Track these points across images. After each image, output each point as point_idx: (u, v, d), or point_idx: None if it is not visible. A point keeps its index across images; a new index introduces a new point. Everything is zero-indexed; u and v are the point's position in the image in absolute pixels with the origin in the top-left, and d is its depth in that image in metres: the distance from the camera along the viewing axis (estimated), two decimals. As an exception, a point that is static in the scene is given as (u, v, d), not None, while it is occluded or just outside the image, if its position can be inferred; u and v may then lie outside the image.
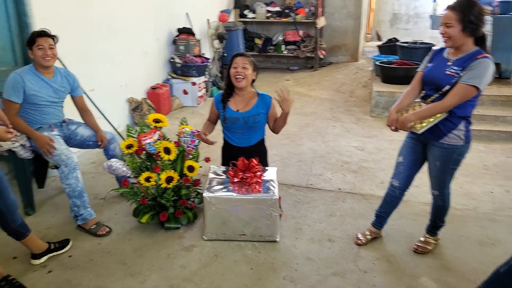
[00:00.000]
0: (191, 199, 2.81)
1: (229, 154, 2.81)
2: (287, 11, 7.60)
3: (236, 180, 2.58)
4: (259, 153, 2.82)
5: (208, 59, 5.82)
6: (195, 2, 6.16)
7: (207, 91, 5.91)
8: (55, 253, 2.36)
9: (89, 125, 2.92)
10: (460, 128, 2.12)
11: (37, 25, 3.22)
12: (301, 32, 7.72)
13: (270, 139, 3.04)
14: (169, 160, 2.67)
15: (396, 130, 2.22)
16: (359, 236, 2.58)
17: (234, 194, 2.46)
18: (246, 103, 2.73)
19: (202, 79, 5.63)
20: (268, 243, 2.51)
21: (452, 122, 2.11)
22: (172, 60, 5.45)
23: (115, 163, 2.52)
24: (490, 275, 1.78)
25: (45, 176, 3.02)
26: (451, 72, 2.06)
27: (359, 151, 4.04)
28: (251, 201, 2.45)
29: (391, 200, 2.49)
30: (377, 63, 5.60)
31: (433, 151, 2.22)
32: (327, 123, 4.85)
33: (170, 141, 2.77)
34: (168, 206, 2.65)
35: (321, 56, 7.69)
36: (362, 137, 4.43)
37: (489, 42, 4.33)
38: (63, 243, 2.42)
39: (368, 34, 10.91)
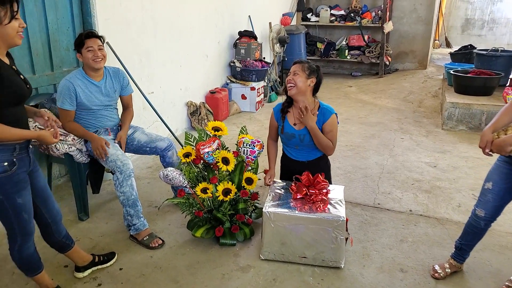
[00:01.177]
0: (248, 214, 2.64)
1: (288, 168, 2.65)
2: (352, 15, 7.26)
3: (299, 196, 2.36)
4: (320, 168, 2.57)
5: (268, 63, 5.67)
6: (257, 5, 6.04)
7: (265, 97, 5.76)
8: (99, 266, 2.27)
9: (122, 120, 2.82)
10: None
11: (100, 25, 3.24)
12: (366, 37, 7.33)
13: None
14: (227, 171, 2.52)
15: (490, 153, 1.88)
16: (437, 268, 2.25)
17: (296, 212, 2.25)
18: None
19: (261, 84, 5.49)
20: (331, 270, 2.26)
21: None
22: (233, 63, 5.36)
23: (172, 172, 2.41)
24: None
25: (101, 181, 3.00)
26: None
27: (431, 168, 3.65)
28: (315, 221, 2.22)
29: (474, 232, 2.13)
30: (451, 71, 5.09)
31: None
32: (394, 135, 4.48)
33: (229, 150, 2.62)
34: (224, 221, 2.49)
35: (387, 63, 7.25)
36: (434, 152, 4.01)
37: None
38: (109, 256, 2.34)
39: (436, 40, 10.21)
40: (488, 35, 9.63)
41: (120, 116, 2.87)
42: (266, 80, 5.76)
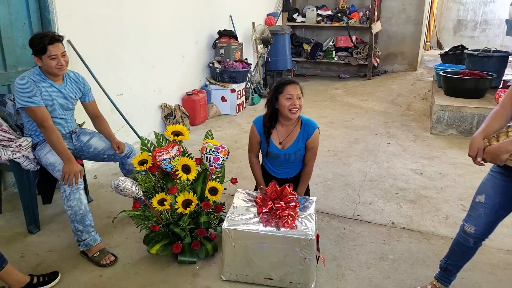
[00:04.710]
0: (212, 227, 2.38)
1: (266, 182, 2.45)
2: (339, 15, 7.05)
3: (264, 210, 2.11)
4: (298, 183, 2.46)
5: (249, 64, 5.42)
6: (240, 4, 5.80)
7: (247, 99, 5.51)
8: None
9: (102, 132, 2.60)
10: None
11: (60, 22, 2.98)
12: (354, 38, 7.12)
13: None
14: (188, 180, 2.27)
15: (482, 163, 1.64)
16: (419, 291, 2.00)
17: (260, 229, 1.99)
18: (288, 134, 2.38)
19: (243, 85, 5.24)
20: (300, 293, 2.01)
21: None
22: (212, 64, 5.11)
23: (123, 182, 2.15)
24: None
25: (53, 191, 2.73)
26: None
27: (417, 175, 3.41)
28: (281, 240, 1.96)
29: (462, 251, 1.87)
30: (441, 73, 4.87)
31: None
32: (380, 140, 4.24)
33: (192, 157, 2.37)
34: (183, 236, 2.23)
35: (375, 64, 7.03)
36: (421, 158, 3.78)
37: None
38: (50, 277, 2.06)
39: (427, 42, 10.04)
40: (481, 36, 9.47)
41: (95, 127, 2.64)
42: (248, 82, 5.51)
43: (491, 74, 4.62)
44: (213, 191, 2.31)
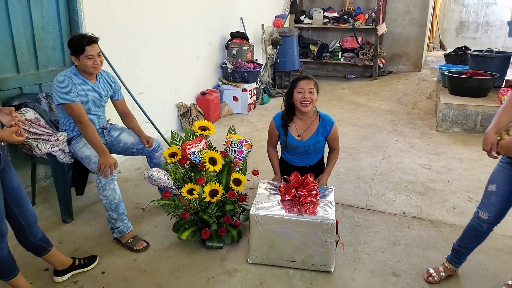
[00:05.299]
0: (236, 216, 2.55)
1: (286, 171, 2.64)
2: (345, 17, 7.23)
3: (287, 198, 2.28)
4: (318, 171, 2.68)
5: (260, 65, 5.60)
6: (250, 6, 5.99)
7: (257, 98, 5.69)
8: (79, 270, 2.18)
9: (132, 128, 2.78)
10: None
11: (87, 24, 3.16)
12: (360, 39, 7.30)
13: (327, 152, 2.74)
14: (214, 171, 2.44)
15: (496, 155, 1.80)
16: (431, 272, 2.17)
17: (285, 214, 2.17)
18: (307, 128, 2.59)
19: (253, 85, 5.42)
20: (321, 274, 2.18)
21: None
22: (224, 65, 5.29)
23: (156, 172, 2.32)
24: None
25: (85, 183, 2.91)
26: None
27: (425, 169, 3.58)
28: (304, 224, 2.13)
29: (476, 235, 2.05)
30: (446, 73, 5.05)
31: None
32: (388, 137, 4.41)
33: (216, 151, 2.54)
34: (211, 223, 2.41)
35: (380, 65, 7.21)
36: (428, 153, 3.95)
37: None
38: (90, 260, 2.24)
39: (430, 43, 10.21)
40: (483, 37, 9.63)
41: (124, 124, 2.83)
42: (258, 82, 5.69)
43: (494, 74, 4.79)
44: (237, 182, 2.48)
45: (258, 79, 5.62)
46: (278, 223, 2.16)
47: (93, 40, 2.43)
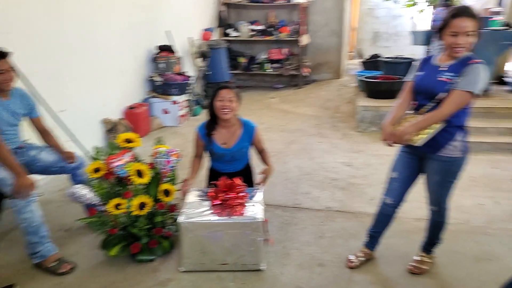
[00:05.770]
0: (167, 227, 2.55)
1: (216, 179, 2.63)
2: (270, 29, 7.53)
3: (216, 202, 2.35)
4: (247, 175, 2.75)
5: (189, 77, 5.65)
6: (177, 20, 6.02)
7: (189, 110, 5.71)
8: None
9: (51, 146, 2.68)
10: (458, 138, 1.99)
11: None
12: (285, 50, 7.65)
13: (256, 158, 2.86)
14: (142, 184, 2.44)
15: (392, 144, 2.04)
16: (352, 258, 2.37)
17: (214, 218, 2.23)
18: (231, 135, 2.66)
19: (184, 97, 5.44)
20: (252, 272, 2.27)
21: (449, 132, 1.98)
22: (152, 78, 5.26)
23: (79, 189, 2.27)
24: None
25: (2, 208, 2.72)
26: (445, 78, 1.95)
27: (346, 167, 3.86)
28: (233, 226, 2.22)
29: (384, 219, 2.32)
30: (362, 78, 5.51)
31: (431, 165, 2.08)
32: (313, 139, 4.68)
33: (143, 163, 2.54)
34: (141, 236, 2.39)
35: (305, 74, 7.60)
36: (349, 152, 4.26)
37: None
38: None
39: (350, 52, 10.96)
40: (394, 46, 10.55)
41: (44, 142, 2.70)
42: (189, 94, 5.72)
43: (402, 77, 5.32)
44: (167, 192, 2.50)
45: (189, 91, 5.65)
46: (208, 228, 2.22)
47: (2, 55, 2.32)
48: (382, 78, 5.36)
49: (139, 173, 2.42)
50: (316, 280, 2.23)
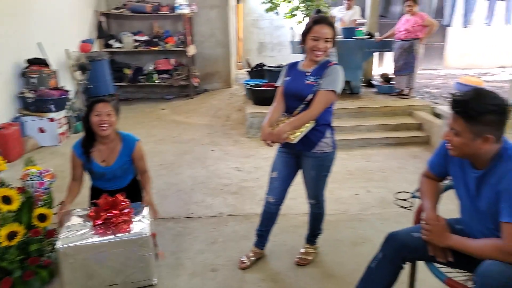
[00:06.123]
0: (46, 255, 2.33)
1: (98, 197, 2.43)
2: (156, 40, 7.41)
3: (99, 222, 2.23)
4: (134, 191, 2.58)
5: (67, 91, 5.24)
6: (50, 31, 5.54)
7: (70, 127, 5.28)
8: None
9: None
10: (327, 135, 2.24)
11: None
12: (172, 61, 7.59)
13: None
14: (11, 211, 2.19)
15: (271, 144, 2.19)
16: (243, 259, 2.47)
17: (97, 239, 2.11)
18: (110, 152, 2.48)
19: (63, 113, 5.02)
20: (144, 289, 2.21)
21: (319, 131, 2.21)
22: (23, 94, 4.74)
23: None
24: (363, 272, 1.82)
25: None
26: (311, 81, 2.17)
27: (238, 172, 4.00)
28: (118, 244, 2.13)
29: (269, 217, 2.47)
30: (248, 86, 5.77)
31: (307, 161, 2.28)
32: (206, 148, 4.74)
33: (11, 187, 2.29)
34: (12, 269, 2.14)
35: (196, 84, 7.65)
36: (240, 158, 4.42)
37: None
38: None
39: (239, 62, 11.36)
40: (278, 55, 11.27)
41: None
42: (69, 109, 5.30)
43: (284, 84, 5.72)
44: (42, 217, 2.29)
45: (68, 107, 5.23)
46: (91, 250, 2.09)
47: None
48: (266, 86, 5.69)
49: (6, 199, 2.17)
50: (208, 286, 2.26)
